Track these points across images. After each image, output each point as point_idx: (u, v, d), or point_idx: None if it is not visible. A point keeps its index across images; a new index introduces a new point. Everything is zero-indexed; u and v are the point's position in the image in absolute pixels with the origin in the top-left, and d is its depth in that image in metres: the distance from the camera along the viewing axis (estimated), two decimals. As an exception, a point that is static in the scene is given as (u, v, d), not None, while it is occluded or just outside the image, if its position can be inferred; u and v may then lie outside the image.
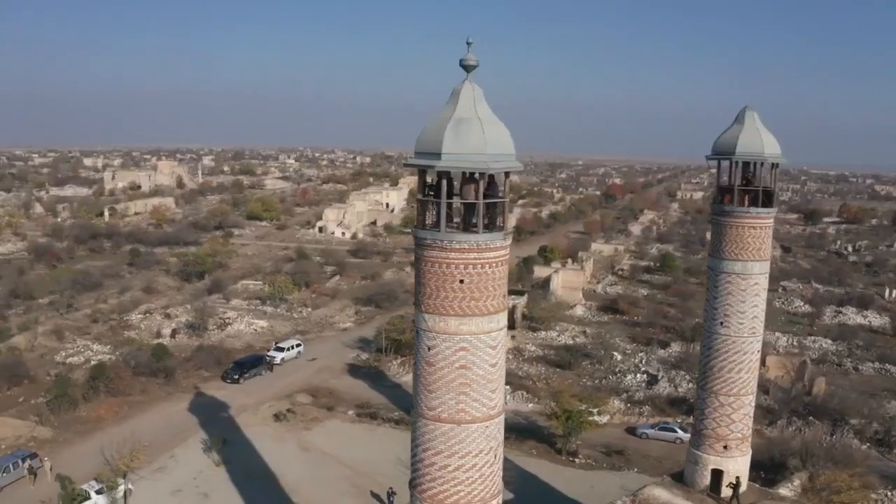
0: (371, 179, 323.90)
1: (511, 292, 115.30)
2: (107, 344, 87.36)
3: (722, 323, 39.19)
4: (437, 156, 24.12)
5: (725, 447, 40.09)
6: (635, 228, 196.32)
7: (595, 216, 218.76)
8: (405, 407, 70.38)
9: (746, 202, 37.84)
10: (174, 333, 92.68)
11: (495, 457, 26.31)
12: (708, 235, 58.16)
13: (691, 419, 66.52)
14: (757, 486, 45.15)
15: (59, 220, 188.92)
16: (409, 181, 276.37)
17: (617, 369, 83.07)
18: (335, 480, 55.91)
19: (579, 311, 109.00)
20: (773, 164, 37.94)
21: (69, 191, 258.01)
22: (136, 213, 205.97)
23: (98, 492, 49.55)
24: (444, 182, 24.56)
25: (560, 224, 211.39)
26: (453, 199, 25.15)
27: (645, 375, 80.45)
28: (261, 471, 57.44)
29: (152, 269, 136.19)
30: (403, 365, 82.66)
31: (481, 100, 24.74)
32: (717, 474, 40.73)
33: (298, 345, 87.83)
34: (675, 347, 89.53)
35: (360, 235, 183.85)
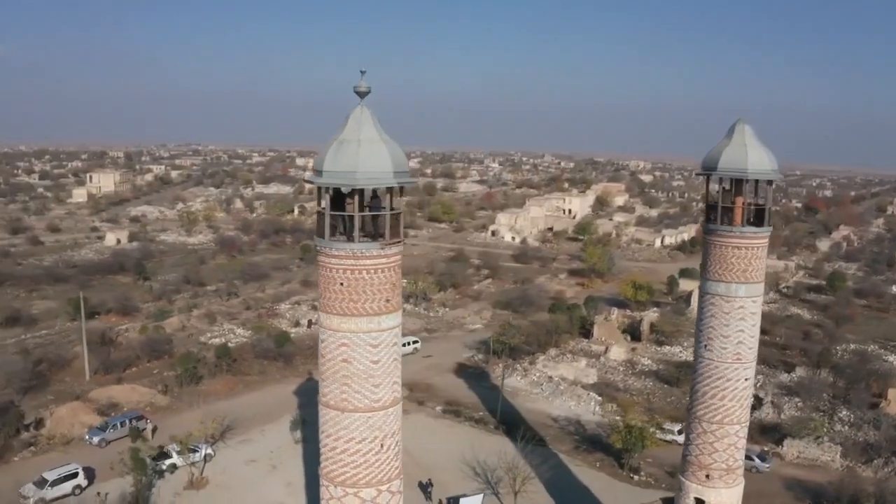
0: (566, 185, 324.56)
1: (654, 304, 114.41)
2: (248, 329, 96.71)
3: (706, 346, 38.23)
4: (321, 173, 27.34)
5: (707, 476, 39.10)
6: (823, 244, 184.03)
7: (783, 230, 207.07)
8: (492, 408, 73.11)
9: (740, 220, 36.88)
10: (309, 324, 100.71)
11: (382, 446, 28.96)
12: None
13: (781, 448, 64.55)
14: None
15: (253, 215, 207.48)
16: (598, 188, 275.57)
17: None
18: (392, 468, 59.62)
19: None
20: (767, 181, 36.80)
21: (273, 188, 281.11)
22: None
23: (178, 452, 56.64)
24: (328, 196, 27.69)
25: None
26: (344, 212, 28.15)
27: (752, 399, 77.27)
28: (332, 452, 62.31)
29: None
30: (508, 368, 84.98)
31: (367, 123, 27.56)
32: None
33: (415, 342, 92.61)
34: (800, 372, 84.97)
35: (530, 241, 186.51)
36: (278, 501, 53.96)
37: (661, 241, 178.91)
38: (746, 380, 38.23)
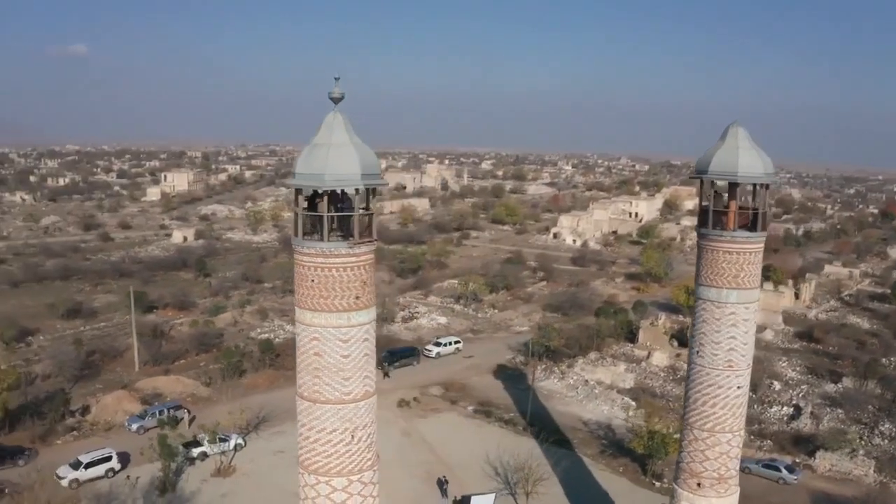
0: (637, 188, 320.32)
1: (689, 309, 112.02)
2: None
3: (698, 352, 37.81)
4: (294, 175, 28.77)
5: (699, 484, 38.66)
6: (895, 251, 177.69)
7: (854, 237, 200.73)
8: (524, 410, 73.61)
9: (733, 225, 36.66)
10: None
11: (353, 437, 30.12)
12: None
13: (813, 460, 63.24)
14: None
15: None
16: (667, 192, 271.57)
17: (768, 399, 79.04)
18: (415, 465, 60.92)
19: (768, 335, 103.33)
20: (760, 185, 36.45)
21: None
22: (390, 212, 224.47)
23: (209, 441, 59.09)
24: (300, 196, 29.11)
25: (814, 242, 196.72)
26: (328, 212, 29.44)
27: (791, 409, 75.94)
28: (359, 447, 63.89)
29: (377, 264, 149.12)
30: (546, 371, 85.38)
31: (339, 128, 28.83)
32: None
33: (457, 342, 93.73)
34: (847, 383, 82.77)
35: (591, 244, 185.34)
36: (297, 491, 55.66)
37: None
38: (739, 388, 37.44)
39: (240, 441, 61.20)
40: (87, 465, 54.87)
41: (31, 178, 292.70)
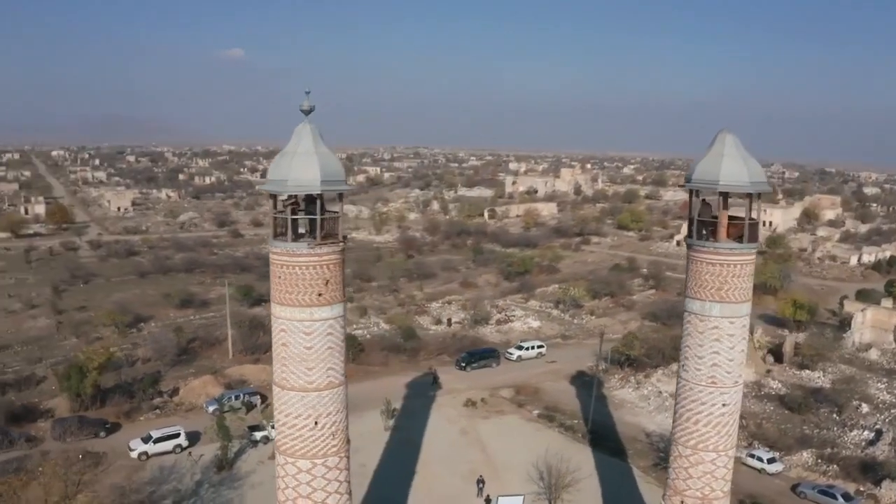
0: (780, 196, 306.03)
1: (818, 325, 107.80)
2: (391, 323, 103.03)
3: (683, 366, 37.19)
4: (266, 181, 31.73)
5: (682, 503, 38.42)
6: None
7: None
8: (588, 417, 73.66)
9: (724, 236, 36.14)
10: (449, 322, 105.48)
11: (316, 424, 32.67)
12: None
13: (878, 490, 60.15)
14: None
15: (446, 217, 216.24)
16: (808, 201, 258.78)
17: (851, 422, 75.36)
18: (461, 462, 62.69)
19: (873, 354, 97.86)
20: (748, 194, 35.65)
21: (475, 192, 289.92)
22: (516, 216, 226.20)
23: (273, 426, 63.24)
24: (273, 200, 31.92)
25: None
26: (299, 216, 32.26)
27: (872, 434, 72.11)
28: (415, 441, 66.55)
29: (488, 266, 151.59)
30: (623, 380, 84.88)
31: (306, 137, 31.42)
32: None
33: (540, 346, 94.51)
34: (950, 410, 77.51)
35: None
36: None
37: (859, 259, 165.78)
38: (724, 405, 36.33)
39: (301, 428, 65.00)
40: (157, 440, 60.27)
41: (181, 177, 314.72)
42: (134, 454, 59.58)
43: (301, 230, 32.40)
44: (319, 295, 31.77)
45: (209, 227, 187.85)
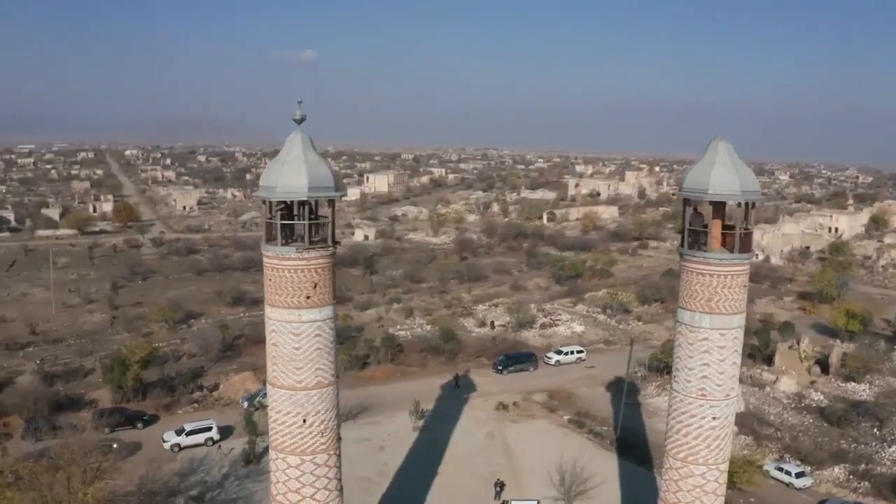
0: (850, 201, 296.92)
1: (872, 335, 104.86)
2: (434, 325, 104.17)
3: (675, 378, 37.03)
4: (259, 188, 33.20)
5: None
6: None
7: None
8: (625, 424, 73.29)
9: (716, 245, 35.90)
10: (492, 325, 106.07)
11: (304, 421, 33.90)
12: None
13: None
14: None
15: (505, 219, 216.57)
16: (876, 207, 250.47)
17: (892, 437, 73.23)
18: (484, 465, 63.32)
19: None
20: (744, 203, 35.02)
21: (538, 194, 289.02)
22: (576, 219, 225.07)
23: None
24: (266, 206, 33.35)
25: None
26: (294, 221, 33.62)
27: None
28: (441, 442, 67.49)
29: (541, 270, 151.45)
30: (660, 387, 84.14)
31: (297, 146, 32.75)
32: None
33: (580, 351, 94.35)
34: None
35: (773, 259, 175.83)
36: (365, 476, 60.00)
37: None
38: (714, 419, 36.06)
39: (331, 426, 66.64)
40: (189, 433, 62.69)
41: (247, 177, 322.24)
42: (167, 445, 62.11)
43: (301, 234, 33.57)
44: (308, 298, 33.00)
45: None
